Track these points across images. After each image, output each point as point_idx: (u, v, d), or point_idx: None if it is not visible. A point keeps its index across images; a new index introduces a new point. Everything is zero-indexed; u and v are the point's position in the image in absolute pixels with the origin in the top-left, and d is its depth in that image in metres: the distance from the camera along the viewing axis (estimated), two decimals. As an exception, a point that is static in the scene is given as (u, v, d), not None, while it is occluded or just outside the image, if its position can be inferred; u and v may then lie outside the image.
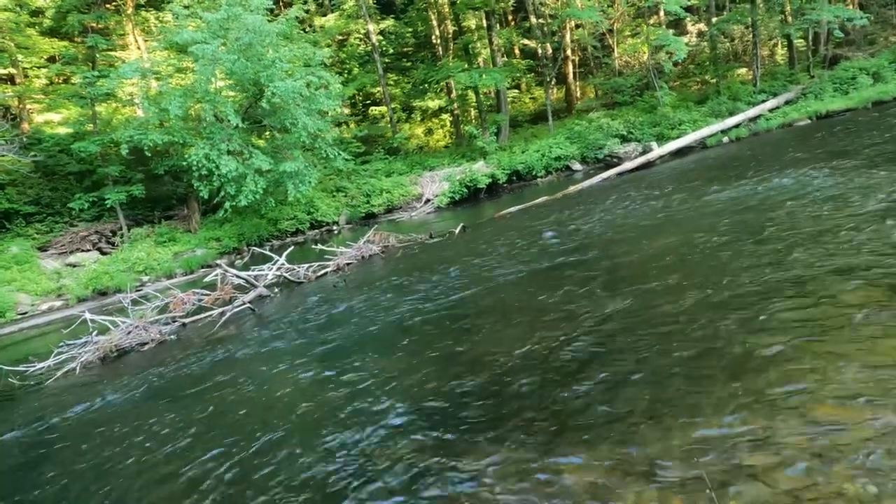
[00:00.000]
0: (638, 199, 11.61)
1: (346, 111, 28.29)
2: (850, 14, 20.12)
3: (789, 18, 22.56)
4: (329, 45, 25.11)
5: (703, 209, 8.88)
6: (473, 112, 28.87)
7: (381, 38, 28.00)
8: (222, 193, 17.34)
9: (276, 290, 11.12)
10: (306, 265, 11.72)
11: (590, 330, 5.07)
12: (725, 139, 19.04)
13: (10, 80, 22.72)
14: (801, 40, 23.80)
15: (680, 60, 21.84)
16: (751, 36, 23.46)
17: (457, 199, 20.11)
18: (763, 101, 20.69)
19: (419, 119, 31.54)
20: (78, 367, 8.41)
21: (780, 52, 27.03)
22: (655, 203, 10.55)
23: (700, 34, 28.19)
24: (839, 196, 7.47)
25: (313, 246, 14.13)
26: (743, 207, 8.23)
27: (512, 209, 14.69)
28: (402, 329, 6.66)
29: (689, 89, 26.04)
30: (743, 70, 25.61)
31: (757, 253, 5.94)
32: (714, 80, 24.08)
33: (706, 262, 6.09)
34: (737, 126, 19.43)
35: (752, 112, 19.99)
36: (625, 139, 21.45)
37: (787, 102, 20.53)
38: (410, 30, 29.86)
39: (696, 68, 27.30)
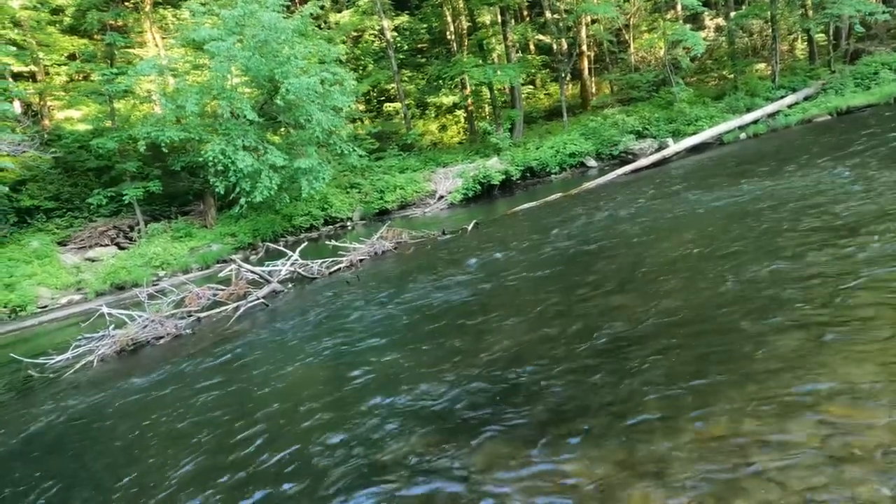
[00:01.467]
0: (650, 196, 11.51)
1: (361, 108, 28.37)
2: (871, 8, 19.74)
3: (810, 12, 22.21)
4: (344, 42, 25.20)
5: (715, 206, 8.78)
6: (488, 108, 28.79)
7: (395, 34, 28.01)
8: (238, 189, 17.51)
9: (290, 285, 11.20)
10: (320, 261, 11.79)
11: (598, 328, 5.04)
12: (743, 135, 18.80)
13: (32, 77, 23.12)
14: (822, 35, 23.41)
15: (697, 56, 21.60)
16: (770, 30, 23.13)
17: (470, 195, 20.08)
18: (782, 97, 20.40)
19: (433, 115, 31.53)
20: (95, 361, 8.55)
21: (800, 47, 26.63)
22: (668, 201, 10.46)
23: (718, 29, 27.85)
24: (858, 194, 7.35)
25: (327, 242, 14.21)
26: (757, 205, 8.12)
27: (524, 206, 14.65)
28: (412, 325, 6.68)
29: (706, 85, 25.75)
30: (761, 65, 25.25)
31: (770, 252, 5.86)
32: (732, 76, 23.79)
33: (716, 261, 6.02)
34: (755, 122, 19.18)
35: (770, 108, 19.71)
36: (640, 135, 21.28)
37: (806, 98, 20.21)
38: (425, 26, 29.84)
39: (714, 64, 26.97)
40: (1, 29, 19.03)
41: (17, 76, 22.55)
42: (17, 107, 20.86)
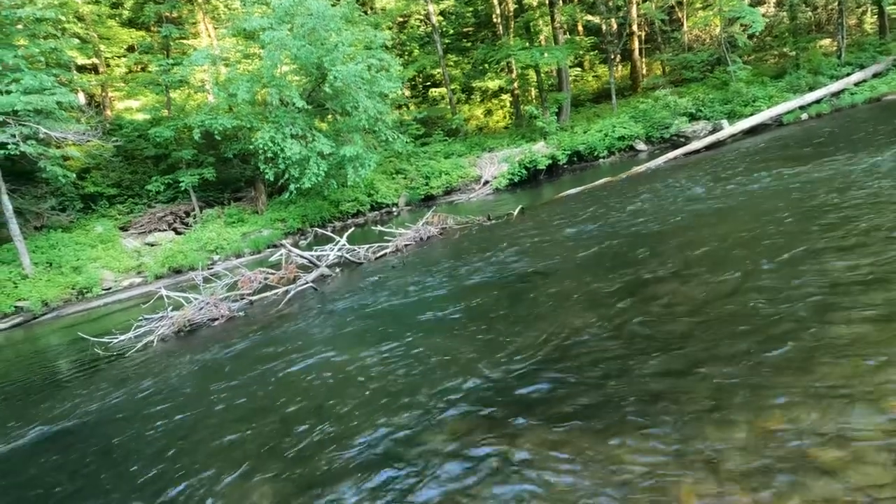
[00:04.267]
0: (702, 181, 11.12)
1: (407, 93, 28.42)
2: (951, -24, 18.35)
3: (881, -17, 20.80)
4: (389, 28, 25.26)
5: (774, 192, 8.42)
6: (534, 92, 28.38)
7: (440, 18, 27.87)
8: (287, 176, 17.91)
9: (338, 270, 11.41)
10: (366, 246, 11.96)
11: (650, 316, 4.93)
12: (804, 116, 17.89)
13: (94, 69, 24.18)
14: (894, 7, 21.92)
15: (756, 33, 20.62)
16: (836, 4, 21.82)
17: (516, 180, 19.92)
18: (848, 75, 19.27)
19: (479, 100, 31.31)
20: (155, 340, 8.98)
21: (870, 21, 25.02)
22: (721, 186, 10.08)
23: (779, 4, 26.46)
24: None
25: (373, 227, 14.39)
26: (819, 192, 7.73)
27: (572, 191, 14.41)
28: (459, 310, 6.70)
29: (765, 63, 24.57)
30: (826, 41, 23.88)
31: (830, 241, 5.58)
32: (793, 53, 22.59)
33: (774, 250, 5.78)
34: (817, 102, 18.21)
35: (835, 86, 18.67)
36: (693, 117, 20.55)
37: (875, 75, 19.04)
38: (471, 9, 29.55)
39: (774, 41, 25.67)
40: (66, 23, 19.91)
41: (81, 68, 23.64)
42: (81, 98, 21.88)
